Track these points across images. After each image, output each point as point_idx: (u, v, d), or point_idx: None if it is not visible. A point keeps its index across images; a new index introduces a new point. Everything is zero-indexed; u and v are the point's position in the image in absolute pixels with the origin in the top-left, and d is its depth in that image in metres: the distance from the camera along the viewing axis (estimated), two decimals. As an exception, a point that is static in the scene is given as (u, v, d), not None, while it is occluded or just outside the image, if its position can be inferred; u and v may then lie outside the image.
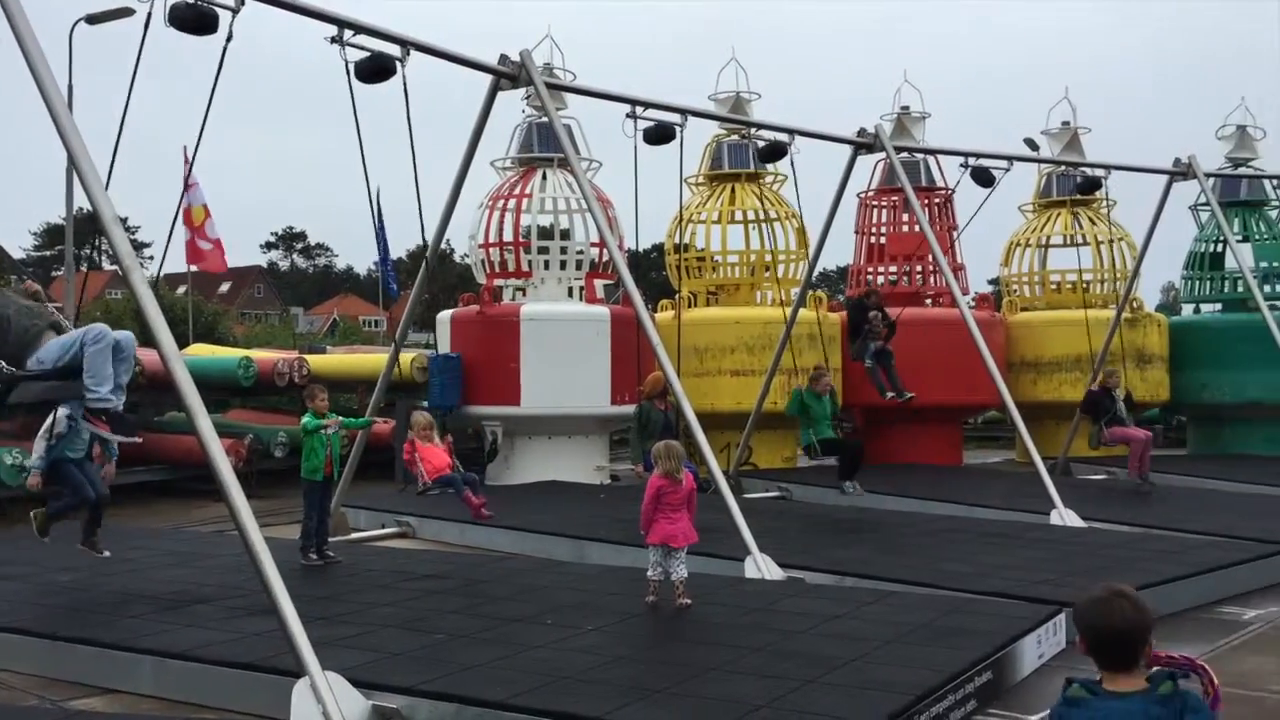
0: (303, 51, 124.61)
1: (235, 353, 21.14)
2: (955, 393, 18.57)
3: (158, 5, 8.33)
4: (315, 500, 9.97)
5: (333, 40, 9.72)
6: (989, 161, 15.27)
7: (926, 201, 20.74)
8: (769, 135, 14.45)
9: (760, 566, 9.42)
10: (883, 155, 15.76)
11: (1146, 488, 14.83)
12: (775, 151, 14.33)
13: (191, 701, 6.77)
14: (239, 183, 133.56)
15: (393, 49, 10.10)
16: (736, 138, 19.58)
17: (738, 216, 20.30)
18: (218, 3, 8.65)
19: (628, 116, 12.24)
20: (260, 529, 6.38)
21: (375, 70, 10.00)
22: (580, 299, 18.40)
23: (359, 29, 9.84)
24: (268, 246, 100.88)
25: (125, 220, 35.42)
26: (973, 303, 20.21)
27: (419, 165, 10.07)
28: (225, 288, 76.83)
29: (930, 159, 20.60)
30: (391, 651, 6.85)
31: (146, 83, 7.99)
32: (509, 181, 18.79)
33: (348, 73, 9.83)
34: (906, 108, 20.83)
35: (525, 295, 18.38)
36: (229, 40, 8.59)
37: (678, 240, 20.03)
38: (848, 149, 15.06)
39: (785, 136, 14.15)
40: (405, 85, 10.07)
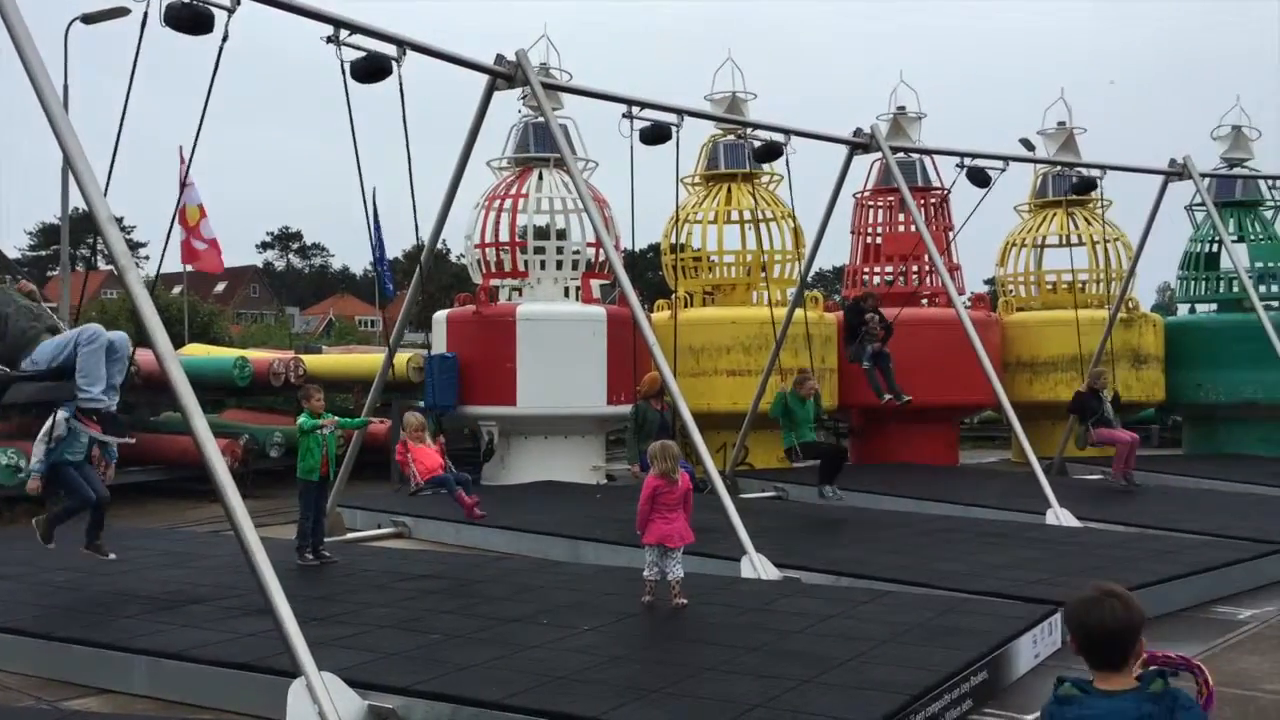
0: (299, 51, 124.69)
1: (231, 353, 21.13)
2: (951, 393, 18.57)
3: (153, 5, 8.34)
4: (311, 500, 9.98)
5: (329, 40, 9.71)
6: (985, 162, 15.28)
7: (922, 201, 20.74)
8: (765, 135, 14.47)
9: (756, 566, 9.43)
10: (878, 155, 15.75)
11: (1130, 488, 14.93)
12: (771, 151, 14.36)
13: (187, 702, 6.77)
14: (235, 182, 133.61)
15: (389, 49, 10.10)
16: (732, 138, 19.60)
17: (734, 216, 20.30)
18: (213, 2, 8.65)
19: (624, 116, 12.25)
20: (256, 529, 6.39)
21: (371, 70, 9.99)
22: (576, 299, 18.40)
23: (355, 29, 9.84)
24: (263, 246, 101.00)
25: (121, 220, 35.39)
26: (968, 303, 20.22)
27: (415, 165, 10.10)
28: (221, 287, 76.85)
29: (926, 159, 20.62)
30: (387, 651, 6.85)
31: (142, 82, 7.99)
32: (505, 181, 18.80)
33: (343, 72, 9.83)
34: (902, 108, 20.85)
35: (521, 295, 18.40)
36: (225, 40, 8.60)
37: (674, 240, 20.05)
38: (844, 149, 15.10)
39: (781, 136, 14.18)
40: (401, 85, 10.10)
